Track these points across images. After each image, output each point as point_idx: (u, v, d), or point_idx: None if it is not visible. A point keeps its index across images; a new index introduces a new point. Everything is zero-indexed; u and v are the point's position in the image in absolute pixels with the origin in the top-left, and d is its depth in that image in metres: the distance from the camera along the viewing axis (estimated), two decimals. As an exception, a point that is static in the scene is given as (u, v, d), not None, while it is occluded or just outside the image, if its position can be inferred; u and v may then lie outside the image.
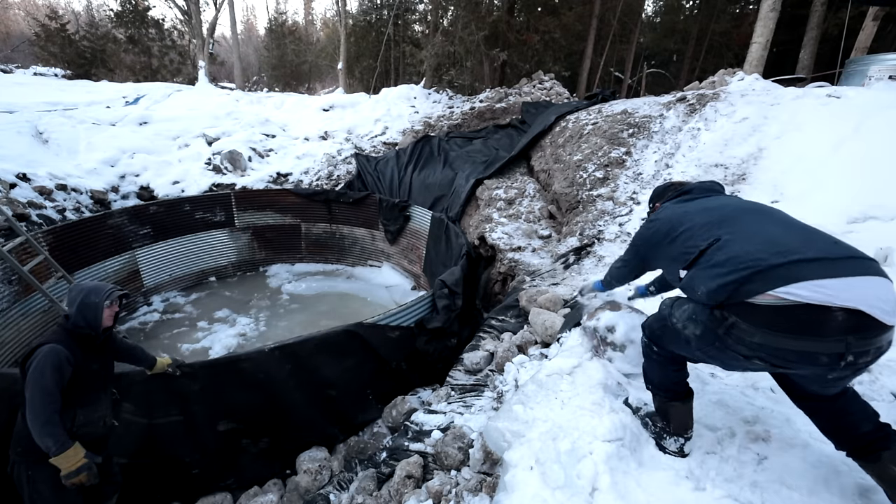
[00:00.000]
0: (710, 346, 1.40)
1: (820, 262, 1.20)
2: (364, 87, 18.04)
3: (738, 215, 1.47)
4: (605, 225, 5.00)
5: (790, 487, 1.53)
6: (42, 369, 2.05)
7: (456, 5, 13.68)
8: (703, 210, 1.59)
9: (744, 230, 1.39)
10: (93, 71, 19.04)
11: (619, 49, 20.69)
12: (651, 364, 1.73)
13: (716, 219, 1.49)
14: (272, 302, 7.04)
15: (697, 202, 1.70)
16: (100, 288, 2.29)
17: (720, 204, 1.62)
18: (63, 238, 5.78)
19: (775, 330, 1.20)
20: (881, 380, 1.99)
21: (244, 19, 37.50)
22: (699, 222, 1.52)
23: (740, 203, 1.61)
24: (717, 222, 1.47)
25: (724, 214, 1.50)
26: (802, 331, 1.17)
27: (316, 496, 2.87)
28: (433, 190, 8.03)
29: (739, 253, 1.30)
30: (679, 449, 1.72)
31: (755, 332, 1.23)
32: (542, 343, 3.37)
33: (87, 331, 2.25)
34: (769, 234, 1.34)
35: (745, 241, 1.34)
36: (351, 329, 3.74)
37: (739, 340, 1.28)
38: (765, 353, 1.25)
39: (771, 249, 1.26)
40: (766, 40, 8.86)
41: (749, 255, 1.27)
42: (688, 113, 6.04)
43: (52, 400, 2.04)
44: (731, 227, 1.42)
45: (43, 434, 2.00)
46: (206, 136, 9.41)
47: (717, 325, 1.33)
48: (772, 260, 1.23)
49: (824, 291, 1.14)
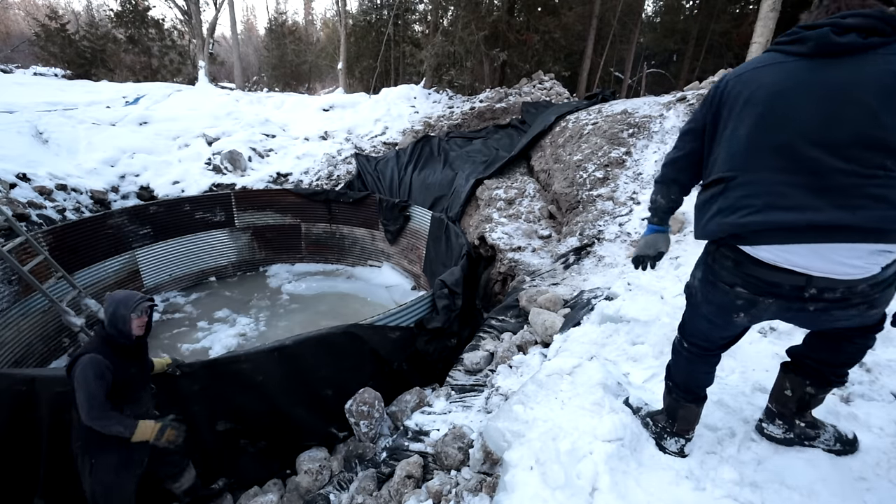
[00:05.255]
0: (707, 286, 1.43)
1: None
2: (364, 87, 18.05)
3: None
4: (605, 225, 5.00)
5: (790, 487, 1.53)
6: (87, 378, 2.24)
7: (456, 5, 13.67)
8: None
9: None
10: (93, 71, 19.03)
11: (619, 49, 20.70)
12: (679, 361, 1.68)
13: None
14: (272, 302, 7.04)
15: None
16: (129, 299, 2.43)
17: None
18: (63, 238, 5.78)
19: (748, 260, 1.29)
20: (881, 380, 1.99)
21: (244, 19, 37.52)
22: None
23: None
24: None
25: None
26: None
27: (316, 496, 2.87)
28: (433, 190, 8.02)
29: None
30: (679, 450, 1.72)
31: (729, 257, 1.33)
32: (542, 343, 3.37)
33: (121, 340, 2.42)
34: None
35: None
36: (350, 329, 3.74)
37: (722, 266, 1.35)
38: (740, 279, 1.31)
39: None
40: (766, 40, 8.85)
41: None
42: (688, 113, 6.04)
43: (101, 402, 2.26)
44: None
45: (107, 428, 2.26)
46: (206, 136, 9.41)
47: (706, 255, 1.42)
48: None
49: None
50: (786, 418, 1.66)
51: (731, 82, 1.32)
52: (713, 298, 1.42)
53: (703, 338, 1.56)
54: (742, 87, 1.27)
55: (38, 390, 2.94)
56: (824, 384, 1.55)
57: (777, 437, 1.68)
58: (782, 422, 1.67)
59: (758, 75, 1.26)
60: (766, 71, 1.25)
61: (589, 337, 2.76)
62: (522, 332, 3.54)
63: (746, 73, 1.29)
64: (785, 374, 1.63)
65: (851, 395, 1.93)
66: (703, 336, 1.55)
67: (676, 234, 4.44)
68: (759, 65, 1.28)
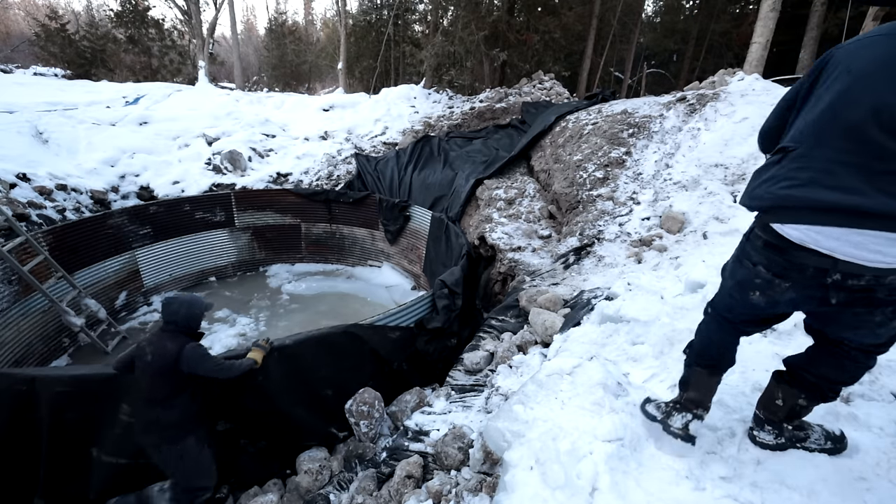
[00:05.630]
0: (735, 263, 1.48)
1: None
2: (364, 87, 18.05)
3: None
4: (605, 225, 5.00)
5: (790, 487, 1.53)
6: (203, 354, 2.76)
7: (456, 5, 13.67)
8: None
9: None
10: (93, 71, 19.03)
11: (619, 49, 20.70)
12: (701, 325, 1.68)
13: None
14: (272, 302, 7.04)
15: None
16: (198, 299, 2.99)
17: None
18: (63, 238, 5.78)
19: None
20: (881, 380, 1.99)
21: (244, 19, 37.52)
22: None
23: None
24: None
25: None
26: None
27: (316, 496, 2.87)
28: (433, 190, 8.03)
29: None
30: (684, 426, 1.64)
31: (760, 238, 1.36)
32: (542, 343, 3.37)
33: (194, 331, 2.93)
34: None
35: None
36: (350, 329, 3.74)
37: (753, 246, 1.39)
38: (765, 258, 1.34)
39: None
40: (766, 40, 8.86)
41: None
42: (688, 113, 6.04)
43: (222, 361, 2.82)
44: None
45: (241, 372, 2.87)
46: (206, 136, 9.41)
47: (744, 235, 1.47)
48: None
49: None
50: (774, 424, 1.66)
51: (840, 52, 1.26)
52: (737, 274, 1.46)
53: (725, 308, 1.58)
54: (844, 58, 1.23)
55: (38, 390, 2.94)
56: (818, 398, 1.56)
57: (769, 443, 1.67)
58: (772, 427, 1.66)
59: (862, 50, 1.20)
60: (869, 48, 1.19)
61: (589, 337, 2.76)
62: (522, 332, 3.54)
63: (853, 45, 1.24)
64: (778, 385, 1.62)
65: (851, 394, 1.93)
66: (726, 307, 1.57)
67: (676, 234, 4.44)
68: (867, 37, 1.22)
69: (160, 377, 2.71)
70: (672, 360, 2.29)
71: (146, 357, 2.71)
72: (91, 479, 3.07)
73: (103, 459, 3.07)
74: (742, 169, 4.83)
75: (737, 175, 4.79)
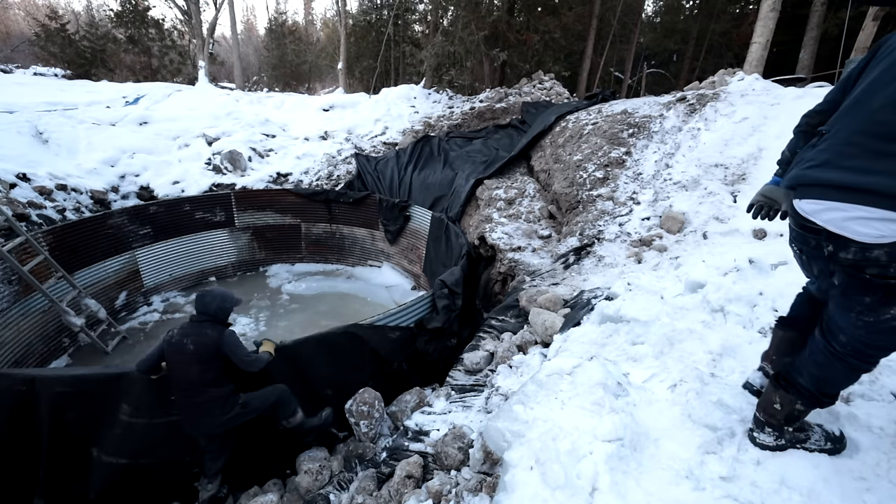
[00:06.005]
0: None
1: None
2: (364, 87, 18.06)
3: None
4: (605, 225, 5.00)
5: (790, 488, 1.53)
6: (239, 343, 2.99)
7: (456, 5, 13.67)
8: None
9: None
10: (93, 71, 19.03)
11: (619, 49, 20.69)
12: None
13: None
14: (272, 302, 7.04)
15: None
16: (230, 294, 3.20)
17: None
18: (63, 238, 5.78)
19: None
20: (881, 380, 1.99)
21: (244, 19, 37.52)
22: None
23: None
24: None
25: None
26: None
27: (316, 496, 2.86)
28: (433, 190, 8.03)
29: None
30: (752, 380, 1.91)
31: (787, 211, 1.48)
32: (542, 343, 3.37)
33: (225, 322, 3.12)
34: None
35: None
36: (350, 329, 3.74)
37: (790, 223, 1.49)
38: (791, 230, 1.46)
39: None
40: (766, 40, 8.86)
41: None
42: (688, 113, 6.04)
43: (250, 354, 3.03)
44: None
45: (263, 366, 3.05)
46: (206, 136, 9.41)
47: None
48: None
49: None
50: (774, 427, 1.66)
51: (893, 38, 1.27)
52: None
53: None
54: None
55: (38, 390, 2.95)
56: (814, 405, 1.58)
57: (769, 444, 1.68)
58: (772, 429, 1.67)
59: None
60: None
61: (589, 337, 2.76)
62: (522, 332, 3.54)
63: None
64: (776, 390, 1.63)
65: (851, 394, 1.93)
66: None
67: (676, 234, 4.44)
68: None
69: (207, 362, 2.88)
70: (672, 360, 2.28)
71: (187, 347, 2.85)
72: (91, 479, 3.07)
73: (103, 459, 3.07)
74: (742, 169, 4.82)
75: (737, 175, 4.79)
